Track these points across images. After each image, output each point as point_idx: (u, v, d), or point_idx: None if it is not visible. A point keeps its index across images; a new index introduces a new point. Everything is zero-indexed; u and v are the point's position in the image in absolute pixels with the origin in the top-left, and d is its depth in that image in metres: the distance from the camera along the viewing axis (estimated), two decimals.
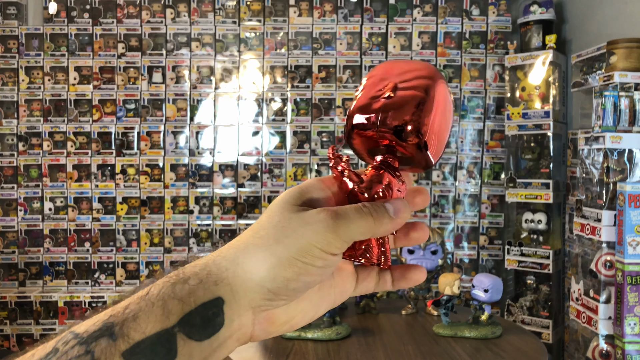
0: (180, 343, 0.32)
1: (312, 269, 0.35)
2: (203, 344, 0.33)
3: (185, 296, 0.33)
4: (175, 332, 0.32)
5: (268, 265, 0.35)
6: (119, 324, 0.31)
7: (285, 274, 0.35)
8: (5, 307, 2.45)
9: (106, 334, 0.31)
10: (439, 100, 0.39)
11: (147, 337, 0.31)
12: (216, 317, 0.33)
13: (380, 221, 0.36)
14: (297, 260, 0.34)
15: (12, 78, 2.53)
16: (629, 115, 1.62)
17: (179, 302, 0.33)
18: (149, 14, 2.55)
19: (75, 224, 2.54)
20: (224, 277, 0.34)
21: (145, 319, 0.32)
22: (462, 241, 2.53)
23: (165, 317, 0.32)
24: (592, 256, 1.66)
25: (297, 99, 2.54)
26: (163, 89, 2.54)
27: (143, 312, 0.32)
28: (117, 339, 0.31)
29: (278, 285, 0.35)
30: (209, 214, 2.54)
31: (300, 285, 0.36)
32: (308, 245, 0.34)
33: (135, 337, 0.31)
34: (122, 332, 0.31)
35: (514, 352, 1.34)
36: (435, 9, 2.51)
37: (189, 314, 0.32)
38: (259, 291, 0.35)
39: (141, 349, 0.31)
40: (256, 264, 0.35)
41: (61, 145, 2.54)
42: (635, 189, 1.52)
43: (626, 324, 1.51)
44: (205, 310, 0.33)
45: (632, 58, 1.68)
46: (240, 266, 0.35)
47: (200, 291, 0.33)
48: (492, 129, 2.50)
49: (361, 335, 1.44)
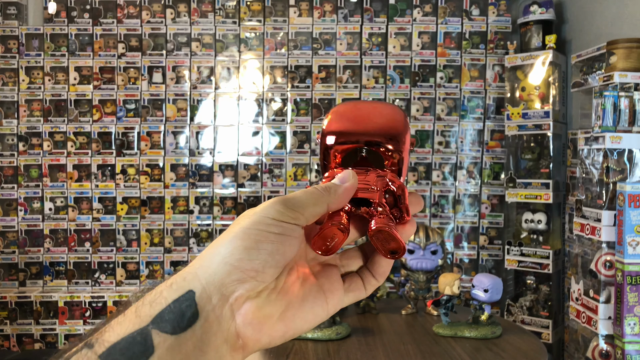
0: (156, 338, 0.31)
1: (269, 234, 0.35)
2: (180, 338, 0.32)
3: (155, 298, 0.33)
4: (150, 330, 0.32)
5: (225, 243, 0.35)
6: (96, 336, 0.32)
7: (243, 243, 0.34)
8: (6, 307, 2.45)
9: (85, 347, 0.32)
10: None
11: (122, 338, 0.31)
12: (189, 309, 0.33)
13: (329, 190, 0.39)
14: (252, 229, 0.35)
15: (12, 78, 2.54)
16: (629, 116, 1.63)
17: (149, 304, 0.33)
18: (149, 14, 2.55)
19: (75, 224, 2.54)
20: (190, 271, 0.35)
21: (119, 325, 0.32)
22: (462, 241, 2.53)
23: (139, 319, 0.32)
24: (592, 256, 1.66)
25: (297, 99, 2.54)
26: (163, 89, 2.54)
27: (117, 322, 0.33)
28: (94, 346, 0.31)
29: (239, 256, 0.34)
30: (209, 214, 2.55)
31: (262, 256, 0.35)
32: (260, 217, 0.36)
33: (111, 340, 0.31)
34: (98, 340, 0.32)
35: (513, 352, 1.34)
36: (435, 9, 2.51)
37: (161, 312, 0.32)
38: (224, 271, 0.34)
39: (117, 349, 0.31)
40: (216, 248, 0.35)
41: (61, 145, 2.54)
42: (635, 189, 1.52)
43: (626, 324, 1.52)
44: (178, 305, 0.33)
45: (632, 58, 1.69)
46: (204, 257, 0.36)
47: (169, 291, 0.34)
48: (492, 129, 2.50)
49: (361, 335, 1.44)
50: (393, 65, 2.52)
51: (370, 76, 2.52)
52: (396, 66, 2.52)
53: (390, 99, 2.52)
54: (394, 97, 2.52)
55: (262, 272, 0.35)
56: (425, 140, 2.52)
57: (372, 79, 2.52)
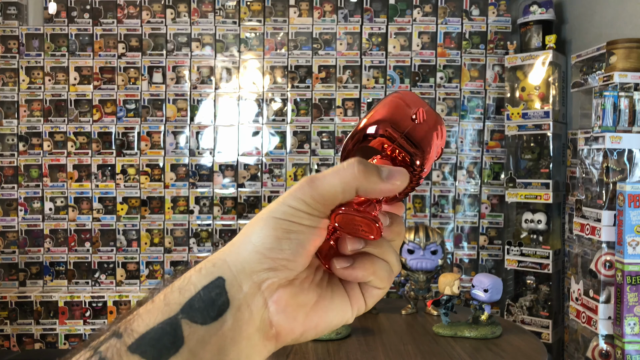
0: (186, 328, 0.31)
1: (300, 226, 0.34)
2: (210, 328, 0.31)
3: (184, 285, 0.33)
4: (180, 319, 0.31)
5: (257, 231, 0.34)
6: (124, 324, 0.32)
7: (275, 233, 0.34)
8: (6, 307, 2.45)
9: (112, 336, 0.31)
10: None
11: (152, 329, 0.31)
12: (219, 297, 0.32)
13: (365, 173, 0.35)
14: (284, 220, 0.34)
15: (13, 78, 2.54)
16: (629, 116, 1.63)
17: (178, 291, 0.32)
18: (149, 14, 2.55)
19: (75, 224, 2.54)
20: (220, 257, 0.34)
21: (148, 314, 0.32)
22: (462, 241, 2.53)
23: (167, 308, 0.32)
24: (592, 256, 1.66)
25: (297, 99, 2.54)
26: (163, 89, 2.54)
27: (146, 310, 0.32)
28: (123, 336, 0.31)
29: (270, 246, 0.34)
30: (209, 214, 2.55)
31: (292, 245, 0.34)
32: (291, 207, 0.34)
33: (139, 331, 0.31)
34: (126, 330, 0.31)
35: (513, 352, 1.34)
36: (435, 9, 2.51)
37: (191, 299, 0.32)
38: (255, 259, 0.34)
39: (146, 340, 0.31)
40: (247, 236, 0.35)
41: (61, 145, 2.54)
42: (635, 189, 1.52)
43: (626, 324, 1.52)
44: (208, 292, 0.32)
45: (632, 58, 1.69)
46: (234, 244, 0.35)
47: (198, 277, 0.33)
48: (492, 129, 2.50)
49: (361, 335, 1.44)
50: (393, 65, 2.52)
51: (370, 76, 2.52)
52: (396, 66, 2.52)
53: None
54: None
55: (294, 261, 0.34)
56: None
57: (372, 79, 2.52)
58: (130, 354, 0.30)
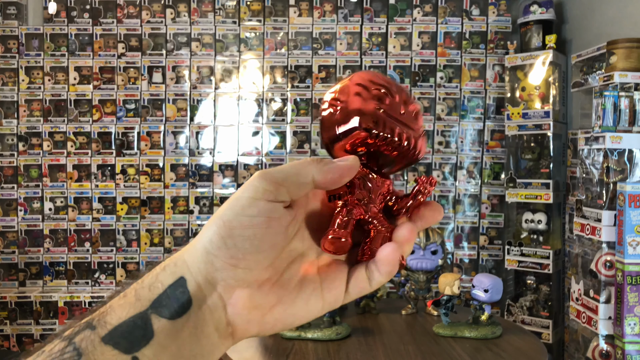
0: (155, 322, 0.33)
1: (243, 219, 0.34)
2: (177, 323, 0.33)
3: (153, 282, 0.34)
4: (149, 314, 0.33)
5: (207, 230, 0.35)
6: (97, 317, 0.33)
7: (220, 232, 0.34)
8: (5, 307, 2.45)
9: (86, 327, 0.33)
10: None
11: (124, 322, 0.32)
12: (183, 295, 0.34)
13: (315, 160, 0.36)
14: (227, 214, 0.34)
15: (12, 78, 2.53)
16: (629, 115, 1.62)
17: (148, 288, 0.34)
18: (149, 14, 2.55)
19: (75, 224, 2.54)
20: (181, 257, 0.36)
21: (120, 308, 0.33)
22: (462, 241, 2.53)
23: (139, 303, 0.33)
24: (592, 256, 1.66)
25: (297, 99, 2.54)
26: (163, 89, 2.54)
27: (117, 303, 0.34)
28: (96, 328, 0.32)
29: (217, 245, 0.34)
30: (209, 214, 2.54)
31: (238, 242, 0.34)
32: (238, 198, 0.35)
33: (112, 323, 0.32)
34: (100, 322, 0.33)
35: (514, 352, 1.34)
36: (435, 9, 2.51)
37: (159, 296, 0.34)
38: (206, 260, 0.34)
39: (119, 332, 0.32)
40: (202, 233, 0.35)
41: (61, 145, 2.54)
42: (635, 189, 1.52)
43: (626, 324, 1.52)
44: (173, 291, 0.34)
45: (632, 58, 1.68)
46: (192, 244, 0.36)
47: (164, 275, 0.35)
48: (492, 129, 2.50)
49: (361, 335, 1.44)
50: (393, 65, 2.52)
51: None
52: (396, 66, 2.52)
53: None
54: None
55: (244, 260, 0.34)
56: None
57: None
58: (104, 345, 0.32)
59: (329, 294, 0.38)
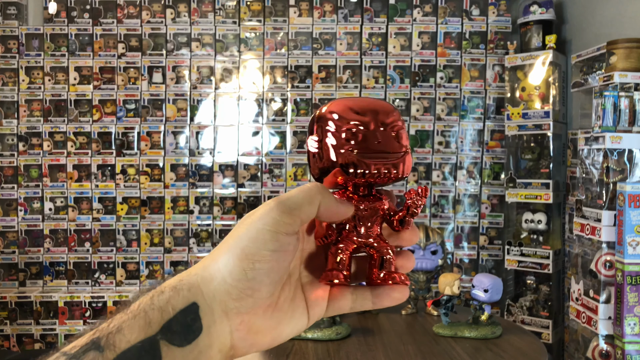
0: (164, 349, 0.33)
1: (265, 253, 0.35)
2: (185, 350, 0.34)
3: (163, 305, 0.34)
4: (158, 340, 0.33)
5: (226, 261, 0.36)
6: (104, 337, 0.33)
7: (242, 264, 0.35)
8: (5, 307, 2.45)
9: (93, 347, 0.32)
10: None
11: (133, 346, 0.32)
12: (194, 322, 0.34)
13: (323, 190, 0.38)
14: (250, 248, 0.35)
15: (12, 78, 2.54)
16: (629, 116, 1.63)
17: (159, 311, 0.34)
18: (149, 14, 2.55)
19: (75, 224, 2.54)
20: (194, 282, 0.36)
21: (129, 329, 0.33)
22: (462, 241, 2.53)
23: (148, 326, 0.33)
24: (592, 256, 1.66)
25: (297, 99, 2.54)
26: (163, 89, 2.54)
27: (126, 324, 0.33)
28: (104, 350, 0.32)
29: (237, 277, 0.35)
30: (209, 214, 2.55)
31: (258, 275, 0.35)
32: (258, 230, 0.36)
33: (121, 347, 0.32)
34: (108, 343, 0.32)
35: (514, 352, 1.34)
36: (435, 9, 2.51)
37: (169, 321, 0.34)
38: (223, 289, 0.35)
39: (127, 357, 0.32)
40: (218, 264, 0.36)
41: (61, 145, 2.54)
42: (635, 189, 1.52)
43: (626, 324, 1.52)
44: (184, 317, 0.34)
45: (632, 58, 1.69)
46: (207, 270, 0.36)
47: (176, 299, 0.35)
48: (492, 129, 2.50)
49: (361, 335, 1.44)
50: (393, 65, 2.52)
51: (370, 76, 2.52)
52: (396, 66, 2.52)
53: (390, 99, 2.52)
54: (394, 97, 2.52)
55: (259, 290, 0.36)
56: (425, 140, 2.52)
57: (372, 79, 2.52)
58: None
59: (313, 310, 0.41)
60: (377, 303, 0.42)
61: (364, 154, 0.40)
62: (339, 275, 0.40)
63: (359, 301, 0.42)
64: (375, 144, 0.40)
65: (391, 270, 0.41)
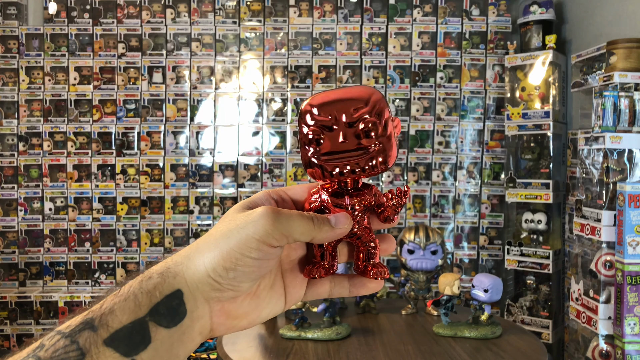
0: (153, 329, 0.36)
1: (248, 260, 0.38)
2: (171, 331, 0.37)
3: (151, 289, 0.38)
4: (147, 321, 0.36)
5: (211, 258, 0.38)
6: (97, 317, 0.36)
7: (224, 264, 0.38)
8: (6, 307, 2.45)
9: (87, 327, 0.35)
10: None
11: (124, 326, 0.36)
12: (179, 307, 0.38)
13: (320, 227, 0.40)
14: (235, 251, 0.38)
15: (13, 78, 2.54)
16: (629, 116, 1.63)
17: (147, 295, 0.37)
18: (149, 14, 2.55)
19: (75, 224, 2.54)
20: (179, 271, 0.39)
21: (121, 311, 0.36)
22: (462, 241, 2.53)
23: (138, 308, 0.37)
24: (592, 256, 1.66)
25: (297, 99, 2.54)
26: (163, 89, 2.54)
27: (117, 306, 0.37)
28: (98, 329, 0.35)
29: (219, 274, 0.38)
30: (209, 214, 2.55)
31: (239, 275, 0.38)
32: (247, 237, 0.38)
33: (113, 326, 0.35)
34: (101, 323, 0.35)
35: (513, 352, 1.34)
36: (435, 9, 2.51)
37: (157, 304, 0.37)
38: (205, 282, 0.38)
39: (119, 336, 0.35)
40: (202, 258, 0.39)
41: (61, 145, 2.54)
42: (635, 189, 1.52)
43: (626, 324, 1.52)
44: (170, 301, 0.38)
45: (632, 58, 1.69)
46: (192, 261, 0.39)
47: (163, 285, 0.38)
48: (492, 129, 2.50)
49: (361, 335, 1.44)
50: (393, 65, 2.52)
51: (370, 76, 2.52)
52: (396, 66, 2.52)
53: (390, 99, 2.52)
54: (394, 97, 2.52)
55: (239, 286, 0.39)
56: (425, 140, 2.52)
57: (372, 79, 2.52)
58: (105, 347, 0.35)
59: (291, 296, 0.45)
60: (354, 292, 0.45)
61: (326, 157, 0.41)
62: (320, 271, 0.43)
63: (337, 289, 0.45)
64: (338, 144, 0.40)
65: (375, 263, 0.43)
